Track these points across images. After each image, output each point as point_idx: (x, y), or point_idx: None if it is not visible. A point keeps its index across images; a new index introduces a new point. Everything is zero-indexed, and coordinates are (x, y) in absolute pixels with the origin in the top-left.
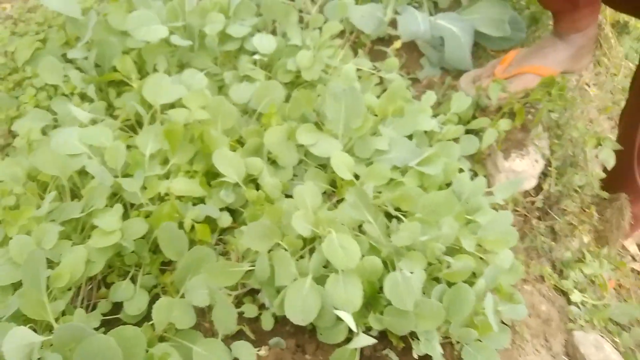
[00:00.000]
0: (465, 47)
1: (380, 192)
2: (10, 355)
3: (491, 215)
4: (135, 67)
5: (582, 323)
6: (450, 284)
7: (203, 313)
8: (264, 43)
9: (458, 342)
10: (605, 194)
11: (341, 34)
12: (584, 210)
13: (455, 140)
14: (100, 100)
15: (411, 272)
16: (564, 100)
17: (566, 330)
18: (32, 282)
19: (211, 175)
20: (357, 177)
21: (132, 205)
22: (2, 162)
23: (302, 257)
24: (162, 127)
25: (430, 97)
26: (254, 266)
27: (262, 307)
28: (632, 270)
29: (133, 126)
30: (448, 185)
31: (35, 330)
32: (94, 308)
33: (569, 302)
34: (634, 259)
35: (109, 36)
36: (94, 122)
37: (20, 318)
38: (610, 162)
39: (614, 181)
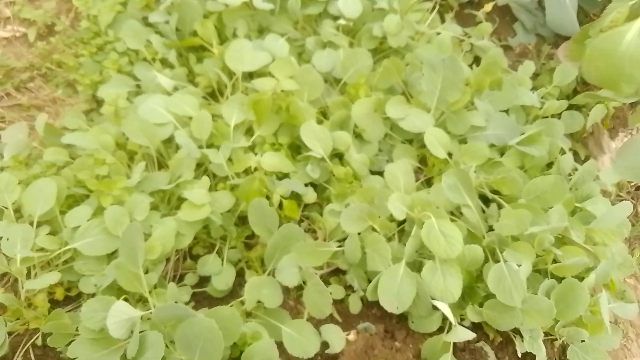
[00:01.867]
0: (571, 9)
1: (479, 170)
2: (114, 328)
3: (606, 205)
4: (216, 31)
5: None
6: (558, 278)
7: (288, 291)
8: (350, 6)
9: (559, 340)
10: None
11: None
12: None
13: (557, 116)
14: (180, 66)
15: (518, 265)
16: None
17: None
18: (129, 254)
19: (295, 148)
20: (449, 154)
21: (215, 175)
22: (92, 130)
23: (391, 239)
24: (247, 97)
25: (529, 67)
26: (341, 246)
27: (348, 288)
28: None
29: (214, 93)
30: (549, 166)
31: (127, 300)
32: (180, 279)
33: None
34: None
35: None
36: (175, 89)
37: (114, 289)
38: None
39: None
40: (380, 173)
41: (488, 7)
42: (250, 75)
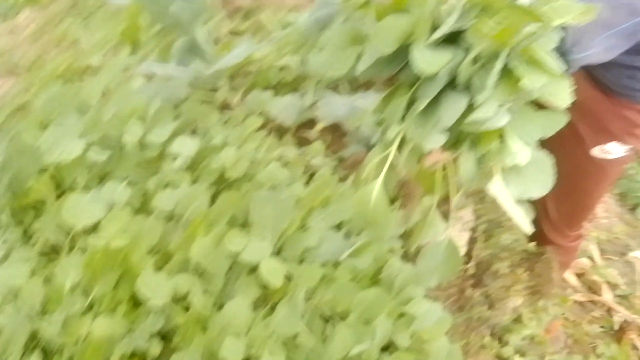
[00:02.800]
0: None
1: (315, 290)
2: None
3: (424, 306)
4: (53, 184)
5: None
6: None
7: None
8: (186, 146)
9: None
10: (533, 249)
11: (264, 122)
12: (515, 270)
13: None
14: (16, 226)
15: None
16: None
17: None
18: None
19: (138, 298)
20: (290, 277)
21: (49, 347)
22: None
23: None
24: (82, 255)
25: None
26: None
27: None
28: (575, 302)
29: (53, 248)
30: (381, 269)
31: None
32: None
33: None
34: (575, 290)
35: (23, 155)
36: (9, 252)
37: None
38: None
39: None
40: None
41: (319, 126)
42: (94, 228)
